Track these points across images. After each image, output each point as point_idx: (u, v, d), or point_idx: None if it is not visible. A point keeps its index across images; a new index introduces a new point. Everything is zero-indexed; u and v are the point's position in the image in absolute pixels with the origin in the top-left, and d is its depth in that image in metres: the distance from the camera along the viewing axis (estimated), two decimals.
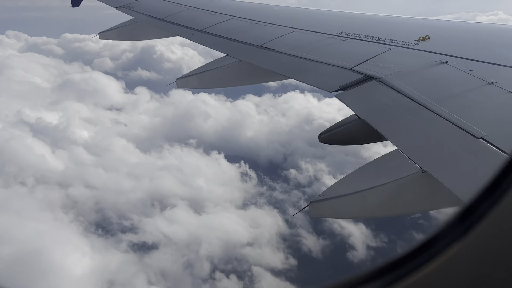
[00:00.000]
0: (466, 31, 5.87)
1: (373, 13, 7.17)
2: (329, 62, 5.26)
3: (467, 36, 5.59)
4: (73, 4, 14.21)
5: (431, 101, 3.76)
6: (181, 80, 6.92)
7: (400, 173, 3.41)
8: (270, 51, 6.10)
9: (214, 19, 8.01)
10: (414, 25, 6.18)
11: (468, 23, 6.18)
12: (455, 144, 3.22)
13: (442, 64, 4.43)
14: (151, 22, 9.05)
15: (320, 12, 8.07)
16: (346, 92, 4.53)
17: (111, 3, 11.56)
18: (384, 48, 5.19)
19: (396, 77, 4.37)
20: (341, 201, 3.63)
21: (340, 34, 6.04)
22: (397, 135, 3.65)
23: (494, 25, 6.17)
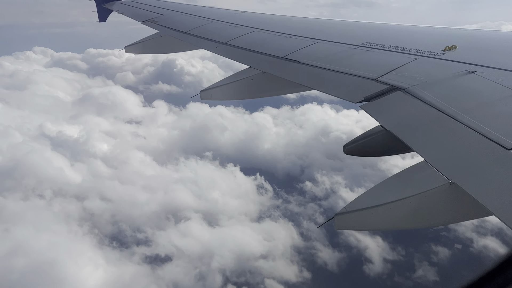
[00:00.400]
0: (493, 39, 5.75)
1: (397, 23, 7.11)
2: (353, 72, 5.23)
3: (494, 44, 5.47)
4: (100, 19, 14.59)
5: (459, 111, 3.69)
6: (204, 92, 6.99)
7: (427, 185, 3.34)
8: (293, 62, 6.10)
9: (237, 31, 8.08)
10: (440, 34, 6.09)
11: (495, 32, 6.05)
12: (484, 155, 3.14)
13: (470, 73, 4.34)
14: (176, 35, 9.19)
15: (343, 23, 8.05)
16: (371, 102, 4.48)
17: (136, 17, 11.82)
18: (409, 58, 5.13)
19: (423, 87, 4.31)
20: (366, 213, 3.57)
21: (364, 44, 6.00)
22: (424, 147, 3.58)
23: None
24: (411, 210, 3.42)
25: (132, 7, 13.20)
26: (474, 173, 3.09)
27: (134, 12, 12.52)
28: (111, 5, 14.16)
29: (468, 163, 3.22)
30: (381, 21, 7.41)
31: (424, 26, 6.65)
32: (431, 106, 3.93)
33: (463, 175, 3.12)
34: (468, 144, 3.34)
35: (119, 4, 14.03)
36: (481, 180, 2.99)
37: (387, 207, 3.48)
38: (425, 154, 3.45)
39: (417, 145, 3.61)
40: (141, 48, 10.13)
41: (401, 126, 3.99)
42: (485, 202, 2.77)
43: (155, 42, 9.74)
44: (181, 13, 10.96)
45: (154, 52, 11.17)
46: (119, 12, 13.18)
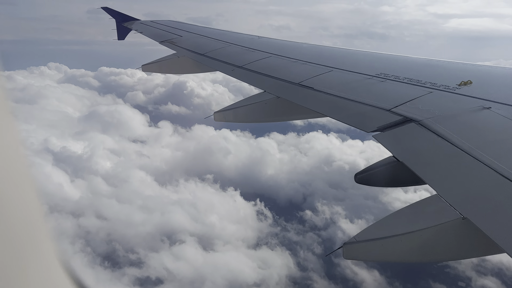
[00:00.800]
0: (508, 76, 5.76)
1: (412, 56, 7.17)
2: (367, 102, 5.26)
3: (510, 81, 5.49)
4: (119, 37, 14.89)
5: (473, 147, 3.68)
6: (218, 113, 7.05)
7: (439, 219, 3.31)
8: (308, 89, 6.16)
9: (253, 56, 8.19)
10: (455, 69, 6.13)
11: (510, 69, 6.08)
12: (497, 192, 3.12)
13: (485, 109, 4.35)
14: (193, 57, 9.34)
15: (358, 52, 8.14)
16: (384, 133, 4.49)
17: (155, 37, 12.04)
18: (424, 91, 5.15)
19: (437, 121, 4.31)
20: (376, 244, 3.54)
21: (378, 75, 6.05)
22: (436, 180, 3.56)
23: None
24: (422, 243, 3.38)
25: (151, 27, 13.47)
26: (487, 209, 3.06)
27: (153, 32, 12.77)
28: (130, 24, 14.46)
29: (481, 199, 3.19)
30: (395, 53, 7.48)
31: (439, 60, 6.70)
32: (445, 140, 3.93)
33: (476, 211, 3.10)
34: (482, 180, 3.32)
35: (138, 23, 14.33)
36: (494, 217, 2.96)
37: (397, 239, 3.45)
38: (438, 187, 3.43)
39: (430, 178, 3.59)
40: (158, 67, 10.29)
41: (414, 158, 3.98)
42: (497, 239, 2.74)
43: (172, 62, 9.90)
44: (199, 36, 11.16)
45: (171, 72, 11.33)
46: (138, 32, 13.44)
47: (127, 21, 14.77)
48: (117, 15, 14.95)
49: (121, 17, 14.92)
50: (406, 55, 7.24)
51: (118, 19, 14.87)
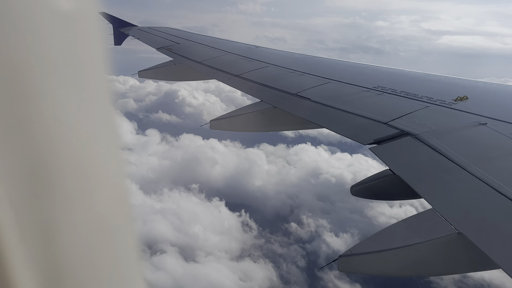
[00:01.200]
0: (504, 93, 5.82)
1: (409, 70, 7.23)
2: (364, 114, 5.28)
3: (505, 98, 5.55)
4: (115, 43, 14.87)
5: (469, 162, 3.70)
6: (214, 121, 7.04)
7: (434, 233, 3.32)
8: (305, 99, 6.18)
9: (251, 65, 8.21)
10: (452, 84, 6.18)
11: (506, 86, 6.14)
12: (492, 208, 3.14)
13: (481, 125, 4.38)
14: (190, 64, 9.34)
15: (356, 65, 8.19)
16: (381, 146, 4.51)
17: (152, 44, 12.05)
18: (420, 105, 5.19)
19: (433, 135, 4.34)
20: (371, 257, 3.53)
21: (376, 88, 6.09)
22: (432, 194, 3.57)
23: None
24: (417, 257, 3.38)
25: (148, 33, 13.48)
26: (482, 225, 3.07)
27: (150, 39, 12.78)
28: (127, 30, 14.46)
29: (476, 215, 3.21)
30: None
31: (435, 75, 6.76)
32: (441, 154, 3.95)
33: (471, 226, 3.11)
34: (477, 196, 3.34)
35: (135, 29, 14.33)
36: (489, 233, 2.98)
37: (392, 253, 3.45)
38: (433, 202, 3.44)
39: (425, 192, 3.61)
40: (154, 73, 10.28)
41: (410, 171, 3.99)
42: (492, 255, 2.75)
43: (169, 69, 9.89)
44: (196, 43, 11.18)
45: (167, 79, 11.32)
46: (135, 37, 13.44)
47: (124, 26, 14.77)
48: (115, 20, 14.96)
49: (118, 22, 14.93)
50: (404, 69, 7.29)
51: (115, 24, 14.87)
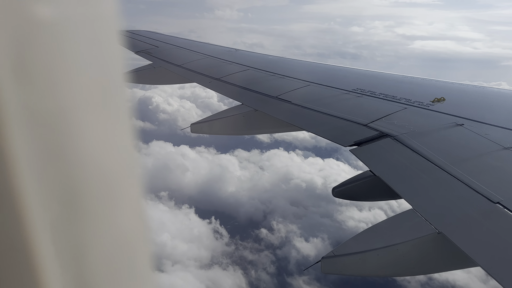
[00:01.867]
0: (480, 94, 5.96)
1: (388, 72, 7.33)
2: (344, 117, 5.33)
3: (482, 99, 5.68)
4: None
5: (447, 162, 3.78)
6: (195, 125, 7.01)
7: (414, 233, 3.37)
8: (286, 102, 6.20)
9: (231, 68, 8.21)
10: (429, 85, 6.30)
11: (482, 88, 6.29)
12: (471, 207, 3.20)
13: (458, 126, 4.47)
14: (169, 68, 9.29)
15: (335, 68, 8.27)
16: (361, 147, 4.56)
17: (130, 47, 11.92)
18: (399, 107, 5.27)
19: (412, 136, 4.41)
20: (353, 258, 3.57)
21: (355, 90, 6.15)
22: (412, 195, 3.63)
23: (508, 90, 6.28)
24: (399, 257, 3.43)
25: (126, 37, 13.35)
26: (461, 224, 3.13)
27: (128, 42, 12.65)
28: None
29: (455, 214, 3.27)
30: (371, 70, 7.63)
31: (413, 77, 6.87)
32: (420, 155, 4.02)
33: (450, 225, 3.17)
34: (456, 195, 3.40)
35: None
36: (467, 231, 3.03)
37: (374, 253, 3.49)
38: (413, 202, 3.50)
39: (405, 192, 3.66)
40: (133, 77, 10.18)
41: (390, 172, 4.05)
42: (471, 253, 2.80)
43: (147, 72, 9.82)
44: (176, 47, 11.12)
45: (146, 83, 11.22)
46: None
47: None
48: None
49: None
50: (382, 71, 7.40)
51: None
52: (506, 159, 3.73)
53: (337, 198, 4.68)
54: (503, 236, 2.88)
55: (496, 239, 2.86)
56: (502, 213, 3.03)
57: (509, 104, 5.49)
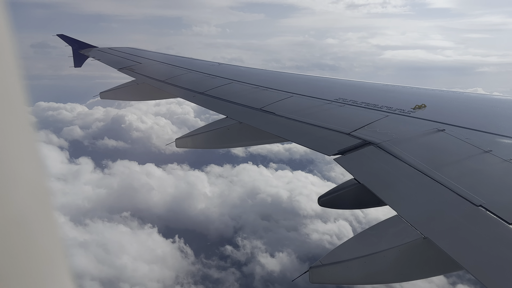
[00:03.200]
0: (460, 100, 6.07)
1: (369, 81, 7.43)
2: (328, 126, 5.38)
3: (461, 105, 5.78)
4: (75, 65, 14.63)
5: (429, 167, 3.82)
6: (180, 140, 7.00)
7: (401, 239, 3.40)
8: (270, 114, 6.24)
9: (214, 82, 8.24)
10: (410, 93, 6.39)
11: (461, 93, 6.40)
12: (454, 211, 3.24)
13: (439, 132, 4.54)
14: (153, 83, 9.28)
15: (317, 78, 8.35)
16: (345, 156, 4.59)
17: (113, 64, 11.91)
18: (381, 115, 5.33)
19: (394, 143, 4.46)
20: (341, 266, 3.57)
21: (337, 100, 6.21)
22: (397, 201, 3.65)
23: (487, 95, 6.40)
24: (387, 264, 3.44)
25: (109, 54, 13.32)
26: (446, 228, 3.16)
27: (111, 59, 12.63)
28: (87, 51, 14.25)
29: (439, 218, 3.30)
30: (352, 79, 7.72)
31: (394, 85, 6.96)
32: (403, 162, 4.06)
33: (435, 230, 3.19)
34: (439, 200, 3.44)
35: (95, 50, 14.13)
36: (452, 236, 3.06)
37: (361, 261, 3.50)
38: (398, 208, 3.52)
39: (390, 199, 3.69)
40: (116, 94, 10.15)
41: (374, 180, 4.07)
42: (456, 257, 2.82)
43: (131, 89, 9.80)
44: (159, 62, 11.13)
45: (130, 99, 11.20)
46: (96, 59, 13.25)
47: (84, 48, 14.54)
48: (74, 42, 14.71)
49: (78, 44, 14.68)
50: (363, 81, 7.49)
51: (74, 46, 14.62)
52: (487, 162, 3.79)
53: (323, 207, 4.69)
54: (487, 238, 2.91)
55: (481, 242, 2.89)
56: (485, 216, 3.07)
57: (488, 108, 5.59)
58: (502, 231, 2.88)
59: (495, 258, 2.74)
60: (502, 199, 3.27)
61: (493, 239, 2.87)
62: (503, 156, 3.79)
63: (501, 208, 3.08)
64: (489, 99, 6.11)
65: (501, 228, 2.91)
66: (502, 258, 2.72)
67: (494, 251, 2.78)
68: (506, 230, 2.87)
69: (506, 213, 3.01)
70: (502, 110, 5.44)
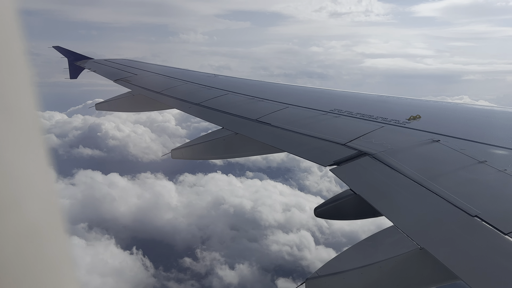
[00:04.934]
0: (454, 110, 6.12)
1: (364, 92, 7.48)
2: (323, 137, 5.40)
3: (456, 115, 5.82)
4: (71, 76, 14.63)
5: (425, 178, 3.83)
6: (176, 151, 7.00)
7: (397, 250, 3.40)
8: (265, 125, 6.26)
9: (210, 93, 8.26)
10: (404, 104, 6.43)
11: (455, 104, 6.46)
12: (450, 222, 3.24)
13: (434, 142, 4.56)
14: (149, 95, 9.30)
15: (313, 89, 8.40)
16: (341, 166, 4.60)
17: (109, 76, 11.93)
18: (376, 126, 5.35)
19: (389, 154, 4.47)
20: (337, 278, 3.56)
21: (332, 111, 6.24)
22: (393, 211, 3.66)
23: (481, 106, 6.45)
24: (383, 274, 3.44)
25: (105, 65, 13.35)
26: (442, 238, 3.16)
27: (107, 71, 12.65)
28: (83, 63, 14.27)
29: (435, 229, 3.30)
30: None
31: (388, 96, 7.02)
32: (398, 172, 4.07)
33: (432, 241, 3.20)
34: (435, 210, 3.44)
35: (91, 62, 14.16)
36: (448, 246, 3.06)
37: (358, 272, 3.49)
38: (394, 219, 3.52)
39: (386, 210, 3.69)
40: (112, 106, 10.16)
41: (370, 190, 4.08)
42: (453, 267, 2.83)
43: (127, 100, 9.81)
44: (155, 74, 11.16)
45: (126, 110, 11.19)
46: (92, 70, 13.28)
47: (80, 59, 14.57)
48: (69, 54, 14.74)
49: (73, 56, 14.71)
50: (358, 92, 7.54)
51: (70, 58, 14.65)
52: (482, 172, 3.81)
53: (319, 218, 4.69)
54: (483, 249, 2.91)
55: (477, 252, 2.90)
56: (480, 226, 3.07)
57: (482, 119, 5.63)
58: (498, 241, 2.88)
59: (491, 268, 2.74)
60: (497, 209, 3.28)
61: (489, 249, 2.87)
62: (497, 167, 3.81)
63: (497, 218, 3.09)
64: (483, 110, 6.16)
65: (496, 238, 2.92)
66: (498, 268, 2.72)
67: (490, 261, 2.78)
68: (502, 240, 2.88)
69: (501, 223, 3.02)
70: (496, 121, 5.48)
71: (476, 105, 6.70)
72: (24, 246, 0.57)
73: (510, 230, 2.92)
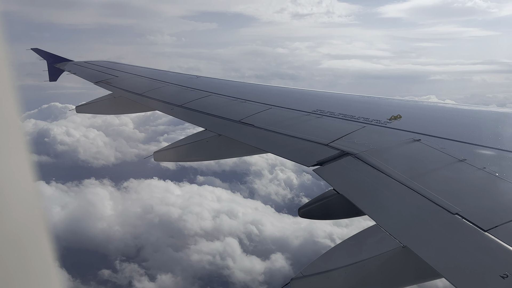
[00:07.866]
0: (435, 110, 6.22)
1: (346, 93, 7.54)
2: (306, 137, 5.42)
3: (436, 115, 5.91)
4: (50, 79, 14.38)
5: (406, 177, 3.88)
6: (158, 153, 6.94)
7: (380, 248, 3.43)
8: (249, 126, 6.26)
9: (193, 95, 8.22)
10: (385, 104, 6.51)
11: (435, 104, 6.56)
12: (432, 220, 3.29)
13: (415, 142, 4.63)
14: (130, 97, 9.21)
15: (295, 90, 8.43)
16: (324, 166, 4.63)
17: (89, 78, 11.77)
18: (358, 126, 5.40)
19: (372, 154, 4.52)
20: (322, 277, 3.57)
21: (315, 111, 6.28)
22: (375, 210, 3.70)
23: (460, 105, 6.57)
24: (366, 273, 3.47)
25: (85, 67, 13.17)
26: (424, 236, 3.21)
27: (87, 73, 12.48)
28: (63, 65, 14.04)
29: (417, 227, 3.35)
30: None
31: (370, 96, 7.10)
32: (380, 172, 4.12)
33: (414, 239, 3.24)
34: (417, 209, 3.49)
35: (71, 64, 13.94)
36: (430, 244, 3.11)
37: (342, 271, 3.52)
38: (377, 218, 3.56)
39: (369, 209, 3.73)
40: (93, 108, 10.03)
41: (353, 190, 4.12)
42: (435, 265, 2.87)
43: (108, 102, 9.69)
44: (136, 76, 11.06)
45: (107, 113, 11.07)
46: (71, 73, 13.09)
47: (59, 62, 14.34)
48: (48, 56, 14.48)
49: (53, 58, 14.47)
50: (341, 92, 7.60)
51: (49, 60, 14.39)
52: (462, 170, 3.87)
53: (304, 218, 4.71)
54: (464, 246, 2.97)
55: (458, 249, 2.95)
56: (461, 224, 3.13)
57: (461, 118, 5.73)
58: (478, 238, 2.94)
59: (472, 264, 2.79)
60: (477, 206, 3.34)
61: (470, 246, 2.93)
62: (477, 165, 3.89)
63: (477, 216, 3.15)
64: (462, 109, 6.27)
65: (477, 235, 2.97)
66: (479, 264, 2.77)
67: (471, 258, 2.83)
68: (482, 237, 2.93)
69: (481, 221, 3.07)
70: (475, 120, 5.58)
71: (455, 105, 6.81)
72: (5, 251, 0.56)
73: (490, 227, 2.98)
